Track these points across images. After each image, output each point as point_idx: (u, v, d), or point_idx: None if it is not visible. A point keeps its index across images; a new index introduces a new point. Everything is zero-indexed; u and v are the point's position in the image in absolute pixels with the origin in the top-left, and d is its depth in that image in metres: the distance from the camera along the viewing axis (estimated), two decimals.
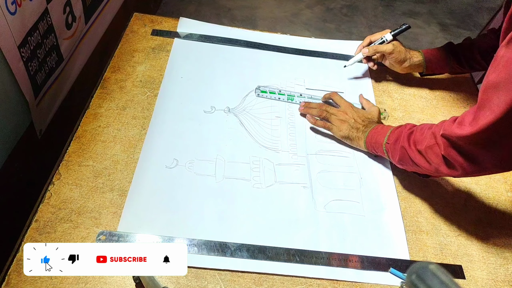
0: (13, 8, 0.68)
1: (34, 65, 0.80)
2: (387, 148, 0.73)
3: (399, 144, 0.69)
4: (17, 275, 0.58)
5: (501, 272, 0.68)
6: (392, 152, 0.72)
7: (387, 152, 0.73)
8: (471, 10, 2.67)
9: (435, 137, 0.63)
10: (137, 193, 0.69)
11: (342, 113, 0.82)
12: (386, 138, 0.73)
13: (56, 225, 0.64)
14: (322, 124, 0.84)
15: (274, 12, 2.40)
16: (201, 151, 0.77)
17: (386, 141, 0.73)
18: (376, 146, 0.75)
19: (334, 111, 0.83)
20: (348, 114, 0.82)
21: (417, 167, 0.68)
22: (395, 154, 0.71)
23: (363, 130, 0.79)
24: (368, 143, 0.77)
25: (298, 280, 0.63)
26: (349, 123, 0.80)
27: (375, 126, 0.78)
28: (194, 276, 0.61)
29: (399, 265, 0.66)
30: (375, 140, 0.75)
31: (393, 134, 0.72)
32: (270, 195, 0.73)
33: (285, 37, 1.06)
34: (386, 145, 0.73)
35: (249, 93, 0.90)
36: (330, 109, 0.84)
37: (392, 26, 2.42)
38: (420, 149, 0.65)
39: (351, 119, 0.81)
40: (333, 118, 0.82)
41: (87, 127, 0.77)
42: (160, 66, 0.91)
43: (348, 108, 0.83)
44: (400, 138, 0.70)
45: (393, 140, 0.71)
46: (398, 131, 0.72)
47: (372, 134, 0.77)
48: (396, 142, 0.70)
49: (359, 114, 0.82)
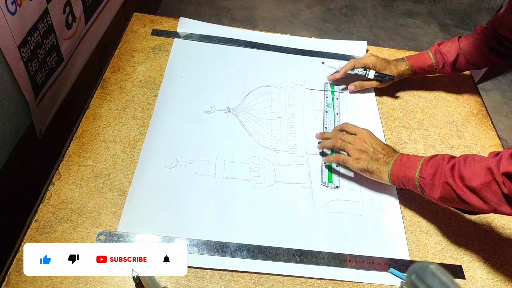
0: (13, 8, 0.68)
1: (34, 65, 0.79)
2: (422, 184, 0.65)
3: (439, 179, 0.62)
4: (17, 275, 0.58)
5: (501, 272, 0.68)
6: (429, 188, 0.64)
7: (421, 187, 0.65)
8: (470, 10, 2.67)
9: (492, 173, 0.57)
10: (137, 193, 0.69)
11: (359, 141, 0.73)
12: (418, 172, 0.65)
13: (56, 225, 0.64)
14: (334, 159, 0.76)
15: (274, 12, 2.40)
16: (201, 151, 0.77)
17: (418, 175, 0.65)
18: (405, 181, 0.67)
19: (350, 139, 0.75)
20: (367, 142, 0.73)
21: (466, 205, 0.61)
22: (435, 190, 0.63)
23: (385, 161, 0.70)
24: (394, 177, 0.69)
25: (298, 280, 0.63)
26: (368, 153, 0.72)
27: (398, 156, 0.70)
28: (194, 276, 0.61)
29: (399, 265, 0.66)
30: (404, 174, 0.67)
31: (426, 167, 0.65)
32: (270, 195, 0.73)
33: (285, 37, 1.06)
34: (420, 180, 0.65)
35: (249, 93, 0.90)
36: (346, 138, 0.75)
37: (392, 26, 2.44)
38: (472, 186, 0.59)
39: (370, 148, 0.72)
40: (350, 148, 0.74)
41: (87, 127, 0.77)
42: (160, 66, 0.91)
43: (366, 136, 0.74)
44: (439, 173, 0.63)
45: (430, 174, 0.64)
46: (434, 163, 0.65)
47: (398, 166, 0.68)
48: (434, 177, 0.63)
49: (379, 142, 0.74)
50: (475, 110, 0.96)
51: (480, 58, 0.88)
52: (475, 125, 0.92)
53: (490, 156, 0.60)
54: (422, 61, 0.91)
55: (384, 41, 2.34)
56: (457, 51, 0.89)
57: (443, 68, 0.91)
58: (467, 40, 0.89)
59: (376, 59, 0.91)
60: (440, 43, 0.92)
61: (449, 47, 0.90)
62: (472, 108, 0.96)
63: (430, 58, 0.91)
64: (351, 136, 0.75)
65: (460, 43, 0.89)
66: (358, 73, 0.91)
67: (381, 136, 0.86)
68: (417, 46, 2.32)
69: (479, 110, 0.96)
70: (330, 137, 0.78)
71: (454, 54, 0.89)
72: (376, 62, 0.90)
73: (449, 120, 0.93)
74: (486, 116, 0.95)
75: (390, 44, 2.32)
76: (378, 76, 0.90)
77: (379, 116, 0.90)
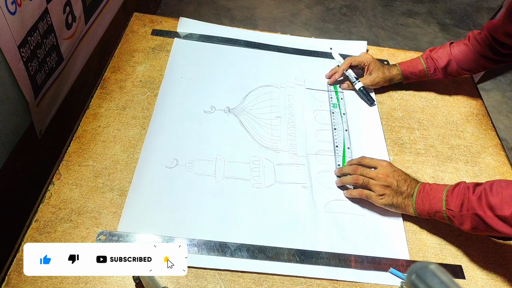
0: (13, 8, 0.68)
1: (34, 65, 0.79)
2: (450, 215, 0.64)
3: (468, 211, 0.61)
4: (17, 275, 0.58)
5: (501, 272, 0.68)
6: (459, 220, 0.63)
7: (449, 219, 0.65)
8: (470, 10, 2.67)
9: None
10: (137, 193, 0.69)
11: (383, 176, 0.71)
12: (444, 204, 0.65)
13: (56, 225, 0.64)
14: (358, 193, 0.72)
15: (274, 12, 2.40)
16: (201, 151, 0.77)
17: (445, 207, 0.64)
18: (432, 213, 0.66)
19: (372, 174, 0.72)
20: (390, 176, 0.70)
21: (499, 234, 0.60)
22: (465, 222, 0.62)
23: (409, 194, 0.69)
24: (419, 210, 0.68)
25: (298, 280, 0.63)
26: (392, 187, 0.69)
27: (420, 187, 0.69)
28: (194, 276, 0.61)
29: (399, 265, 0.67)
30: (430, 207, 0.66)
31: (452, 198, 0.64)
32: (270, 195, 0.73)
33: (285, 37, 1.06)
34: (448, 212, 0.64)
35: (249, 93, 0.90)
36: (367, 173, 0.72)
37: (392, 26, 2.44)
38: (503, 215, 0.58)
39: (394, 182, 0.70)
40: (373, 184, 0.71)
41: (87, 127, 0.77)
42: (160, 66, 0.91)
43: (388, 169, 0.72)
44: (466, 204, 0.62)
45: (457, 206, 0.63)
46: (459, 193, 0.64)
47: (422, 199, 0.67)
48: (462, 208, 0.62)
49: (401, 173, 0.71)
50: (475, 110, 0.96)
51: (472, 64, 0.89)
52: (475, 125, 0.93)
53: None
54: (413, 67, 0.92)
55: (384, 41, 2.34)
56: (448, 57, 0.90)
57: (435, 73, 0.91)
58: (458, 46, 0.90)
59: (372, 58, 0.93)
60: (431, 49, 0.93)
61: (440, 53, 0.91)
62: (472, 108, 0.96)
63: (421, 63, 0.92)
64: (372, 171, 0.72)
65: (452, 49, 0.90)
66: (349, 77, 0.94)
67: (381, 136, 0.86)
68: (417, 46, 2.32)
69: (479, 110, 0.96)
70: (348, 172, 0.75)
71: (445, 60, 0.90)
72: (371, 61, 0.92)
73: (449, 120, 0.93)
74: (486, 116, 0.95)
75: (390, 44, 2.32)
76: (362, 92, 0.92)
77: (379, 116, 0.90)
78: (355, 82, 0.93)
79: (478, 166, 0.84)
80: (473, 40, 0.89)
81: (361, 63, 0.93)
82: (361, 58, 0.93)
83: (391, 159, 0.82)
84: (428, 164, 0.83)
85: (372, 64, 0.92)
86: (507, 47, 0.84)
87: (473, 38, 0.89)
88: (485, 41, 0.87)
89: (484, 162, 0.85)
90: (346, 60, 0.94)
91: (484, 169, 0.84)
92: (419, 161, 0.83)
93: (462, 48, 0.89)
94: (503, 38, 0.82)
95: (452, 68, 0.90)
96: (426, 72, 0.92)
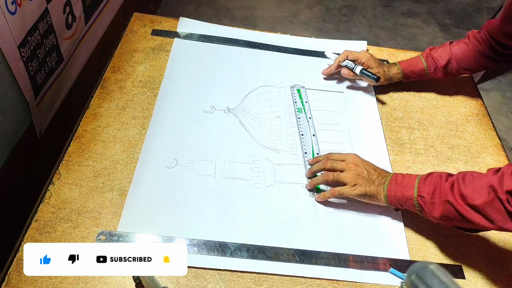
0: (13, 8, 0.68)
1: (34, 65, 0.79)
2: (421, 202, 0.64)
3: (440, 198, 0.61)
4: (17, 275, 0.58)
5: (501, 272, 0.68)
6: (429, 207, 0.63)
7: (420, 207, 0.64)
8: (470, 10, 2.67)
9: (494, 191, 0.56)
10: (137, 193, 0.69)
11: (352, 165, 0.70)
12: (415, 190, 0.64)
13: (56, 225, 0.64)
14: (330, 193, 0.71)
15: (274, 12, 2.40)
16: (201, 151, 0.77)
17: (417, 194, 0.64)
18: (403, 200, 0.66)
19: (342, 165, 0.71)
20: (359, 165, 0.70)
21: (469, 224, 0.60)
22: (435, 209, 0.62)
23: (380, 182, 0.68)
24: (390, 197, 0.67)
25: (298, 280, 0.63)
26: (363, 176, 0.69)
27: (392, 176, 0.68)
28: (194, 276, 0.61)
29: (399, 265, 0.67)
30: (401, 194, 0.65)
31: (425, 186, 0.64)
32: (270, 195, 0.73)
33: (285, 37, 1.06)
34: (419, 199, 0.64)
35: (249, 93, 0.90)
36: (337, 165, 0.71)
37: (392, 26, 2.44)
38: (474, 204, 0.58)
39: (364, 171, 0.69)
40: (343, 176, 0.69)
41: (87, 127, 0.77)
42: (160, 66, 0.91)
43: (356, 159, 0.71)
44: (438, 191, 0.62)
45: (429, 193, 0.63)
46: (432, 182, 0.63)
47: (394, 186, 0.67)
48: (433, 195, 0.62)
49: (369, 163, 0.71)
50: (475, 110, 0.96)
51: (472, 63, 0.89)
52: (475, 125, 0.93)
53: (490, 173, 0.59)
54: (413, 65, 0.92)
55: (384, 41, 2.34)
56: (448, 56, 0.89)
57: (435, 72, 0.91)
58: (458, 45, 0.90)
59: (370, 56, 0.91)
60: (431, 48, 0.93)
61: (441, 52, 0.91)
62: (472, 108, 0.96)
63: (421, 62, 0.91)
64: (341, 162, 0.71)
65: (452, 48, 0.90)
66: (348, 65, 0.92)
67: (381, 136, 0.86)
68: (417, 46, 2.32)
69: (479, 110, 0.96)
70: (318, 169, 0.74)
71: (446, 59, 0.89)
72: (369, 58, 0.91)
73: (449, 120, 0.93)
74: (486, 116, 0.95)
75: (390, 44, 2.32)
76: (364, 73, 0.89)
77: (379, 116, 0.90)
78: (355, 66, 0.90)
79: (478, 166, 0.84)
80: (473, 39, 0.89)
81: (357, 58, 0.91)
82: (358, 54, 0.91)
83: (391, 159, 0.82)
84: (428, 164, 0.83)
85: (371, 62, 0.90)
86: (506, 47, 0.84)
87: (473, 37, 0.89)
88: (484, 41, 0.87)
89: (484, 162, 0.85)
90: (343, 53, 0.93)
91: (484, 169, 0.83)
92: (419, 161, 0.83)
93: (463, 47, 0.89)
94: (502, 39, 0.83)
95: (453, 67, 0.90)
96: (427, 71, 0.91)
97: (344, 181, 0.69)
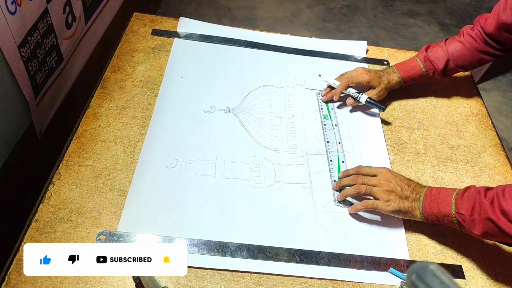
0: (13, 8, 0.68)
1: (34, 65, 0.79)
2: (460, 219, 0.62)
3: (480, 215, 0.59)
4: (17, 275, 0.58)
5: (501, 272, 0.68)
6: (469, 224, 0.61)
7: (459, 223, 0.63)
8: (471, 10, 2.67)
9: None
10: (137, 193, 0.69)
11: (384, 182, 0.68)
12: (453, 207, 0.63)
13: (56, 225, 0.64)
14: (363, 205, 0.70)
15: (274, 12, 2.40)
16: (201, 151, 0.77)
17: (455, 211, 0.62)
18: (441, 217, 0.64)
19: (374, 181, 0.69)
20: (392, 181, 0.68)
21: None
22: (476, 226, 0.60)
23: (414, 198, 0.67)
24: (426, 214, 0.65)
25: (298, 280, 0.63)
26: (397, 192, 0.67)
27: (427, 190, 0.67)
28: (194, 276, 0.61)
29: (399, 265, 0.66)
30: (438, 211, 0.64)
31: (462, 202, 0.62)
32: (270, 195, 0.73)
33: (285, 37, 1.06)
34: (458, 216, 0.62)
35: (249, 93, 0.90)
36: (368, 181, 0.70)
37: (392, 26, 2.44)
38: None
39: (397, 187, 0.67)
40: (376, 191, 0.68)
41: (87, 127, 0.77)
42: (160, 66, 0.91)
43: (389, 175, 0.69)
44: (477, 207, 0.60)
45: (468, 210, 0.61)
46: (470, 197, 0.62)
47: (429, 202, 0.65)
48: (473, 212, 0.60)
49: (402, 178, 0.70)
50: (475, 110, 0.96)
51: (469, 60, 0.88)
52: (475, 125, 0.92)
53: None
54: (412, 71, 0.90)
55: (384, 41, 2.34)
56: (446, 57, 0.88)
57: (433, 76, 0.90)
58: (454, 44, 0.88)
59: (369, 76, 0.88)
60: (427, 48, 0.91)
61: (438, 53, 0.89)
62: (472, 108, 0.96)
63: (420, 67, 0.89)
64: (373, 178, 0.70)
65: (448, 48, 0.88)
66: (350, 94, 0.88)
67: (381, 136, 0.86)
68: (417, 46, 2.32)
69: (479, 110, 0.96)
70: (348, 184, 0.72)
71: (444, 61, 0.88)
72: (370, 79, 0.87)
73: (449, 120, 0.93)
74: (486, 116, 0.95)
75: (391, 44, 2.32)
76: (370, 102, 0.87)
77: (379, 116, 0.90)
78: (359, 96, 0.87)
79: (478, 166, 0.84)
80: (467, 36, 0.87)
81: (359, 83, 0.88)
82: (358, 79, 0.87)
83: (391, 159, 0.82)
84: (428, 164, 0.83)
85: (372, 81, 0.87)
86: (501, 43, 0.84)
87: (467, 34, 0.87)
88: (479, 37, 0.86)
89: (484, 162, 0.85)
90: (343, 81, 0.88)
91: (484, 169, 0.83)
92: (419, 161, 0.83)
93: (458, 46, 0.88)
94: (497, 32, 0.81)
95: (450, 67, 0.89)
96: (426, 75, 0.90)
97: (377, 196, 0.68)
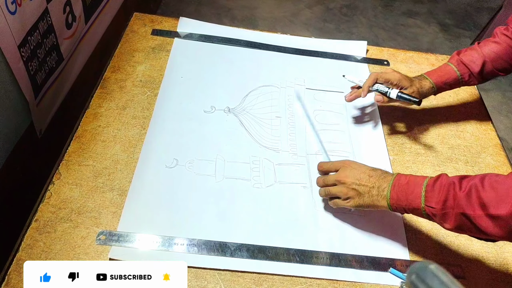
0: (13, 8, 0.68)
1: (34, 65, 0.79)
2: (430, 213, 0.56)
3: (453, 209, 0.54)
4: (17, 275, 0.58)
5: (501, 272, 0.68)
6: (440, 218, 0.56)
7: (429, 217, 0.57)
8: (471, 10, 2.67)
9: None
10: (137, 193, 0.69)
11: (342, 178, 0.64)
12: (423, 200, 0.57)
13: (56, 225, 0.64)
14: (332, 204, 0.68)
15: (274, 12, 2.40)
16: (201, 151, 0.77)
17: (424, 204, 0.57)
18: (409, 210, 0.59)
19: (331, 180, 0.66)
20: (349, 177, 0.63)
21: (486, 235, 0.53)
22: (448, 220, 0.55)
23: (379, 190, 0.61)
24: (394, 206, 0.60)
25: (298, 280, 0.63)
26: (355, 188, 0.63)
27: (394, 180, 0.61)
28: (194, 276, 0.61)
29: (399, 265, 0.67)
30: (406, 204, 0.59)
31: (433, 194, 0.56)
32: (270, 195, 0.73)
33: (285, 37, 1.06)
34: (428, 210, 0.56)
35: (249, 93, 0.90)
36: (328, 181, 0.67)
37: (392, 26, 2.44)
38: (498, 214, 0.50)
39: (355, 182, 0.63)
40: (334, 191, 0.65)
41: (87, 127, 0.77)
42: (160, 66, 0.91)
43: (347, 170, 0.65)
44: (451, 201, 0.54)
45: (439, 203, 0.55)
46: (442, 189, 0.55)
47: (397, 193, 0.60)
48: (445, 205, 0.54)
49: (363, 169, 0.64)
50: (475, 110, 0.96)
51: (507, 60, 0.80)
52: (475, 125, 0.92)
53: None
54: (445, 76, 0.82)
55: (384, 41, 2.34)
56: (482, 59, 0.80)
57: (470, 80, 0.82)
58: (489, 46, 0.81)
59: (400, 76, 0.80)
60: (459, 53, 0.83)
61: (472, 55, 0.81)
62: (472, 108, 0.96)
63: (453, 71, 0.81)
64: (331, 176, 0.67)
65: (483, 50, 0.80)
66: (379, 90, 0.81)
67: (381, 136, 0.86)
68: (417, 46, 2.32)
69: (479, 110, 0.96)
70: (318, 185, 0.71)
71: (480, 63, 0.80)
72: (400, 78, 0.79)
73: (449, 120, 0.93)
74: (486, 116, 0.95)
75: (391, 44, 2.32)
76: (401, 97, 0.78)
77: (379, 116, 0.90)
78: (389, 91, 0.79)
79: (478, 166, 0.84)
80: (502, 36, 0.80)
81: (388, 81, 0.80)
82: (388, 76, 0.80)
83: (391, 159, 0.82)
84: (428, 164, 0.83)
85: (403, 81, 0.79)
86: None
87: (502, 34, 0.81)
88: None
89: (484, 162, 0.85)
90: (371, 76, 0.81)
91: (484, 169, 0.83)
92: (419, 161, 0.83)
93: (494, 47, 0.80)
94: None
95: (487, 70, 0.80)
96: (461, 80, 0.81)
97: (337, 195, 0.66)
